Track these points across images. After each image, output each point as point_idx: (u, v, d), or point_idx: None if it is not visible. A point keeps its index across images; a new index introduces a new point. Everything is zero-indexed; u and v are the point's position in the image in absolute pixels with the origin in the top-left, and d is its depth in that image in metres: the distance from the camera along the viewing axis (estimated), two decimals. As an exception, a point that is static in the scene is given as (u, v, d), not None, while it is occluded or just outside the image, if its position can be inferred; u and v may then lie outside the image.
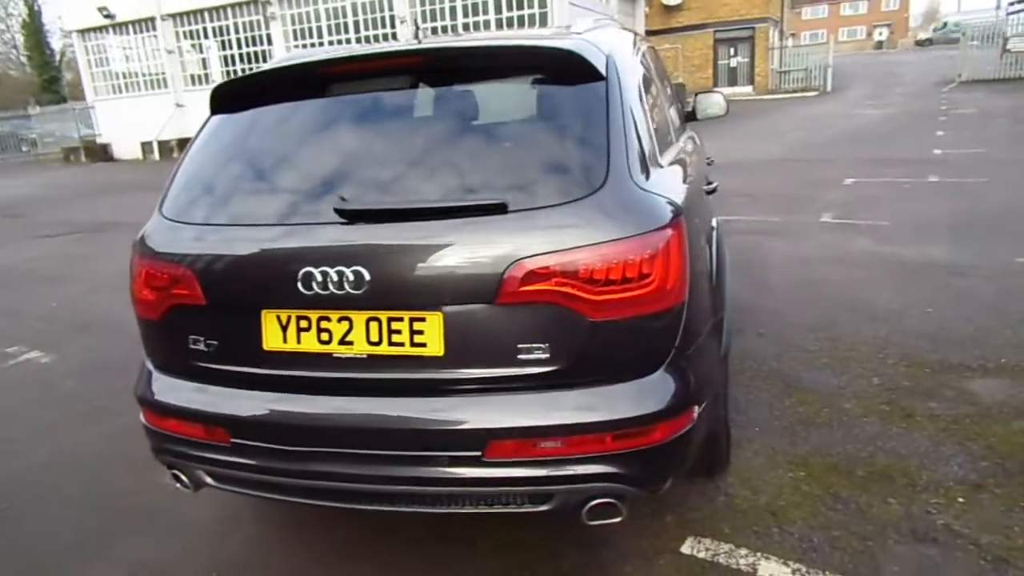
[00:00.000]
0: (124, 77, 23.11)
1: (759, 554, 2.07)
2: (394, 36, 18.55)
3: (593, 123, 1.70)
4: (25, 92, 39.48)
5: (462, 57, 1.89)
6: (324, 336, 1.69)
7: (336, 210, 1.64)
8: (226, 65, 20.97)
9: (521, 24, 17.35)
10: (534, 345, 1.60)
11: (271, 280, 1.68)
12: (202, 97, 2.33)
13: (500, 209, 1.58)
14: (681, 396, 1.67)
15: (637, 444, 1.62)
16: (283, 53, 20.12)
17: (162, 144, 20.85)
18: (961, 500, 2.24)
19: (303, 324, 1.70)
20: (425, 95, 1.82)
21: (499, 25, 17.52)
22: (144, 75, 22.66)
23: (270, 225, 1.73)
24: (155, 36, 21.92)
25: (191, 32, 21.53)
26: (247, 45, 20.78)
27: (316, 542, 2.29)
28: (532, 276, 1.55)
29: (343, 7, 19.04)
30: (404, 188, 1.71)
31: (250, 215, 1.79)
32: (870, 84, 22.60)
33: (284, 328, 1.72)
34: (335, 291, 1.61)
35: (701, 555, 2.08)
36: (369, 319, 1.66)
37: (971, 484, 2.32)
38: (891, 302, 4.04)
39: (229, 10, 20.55)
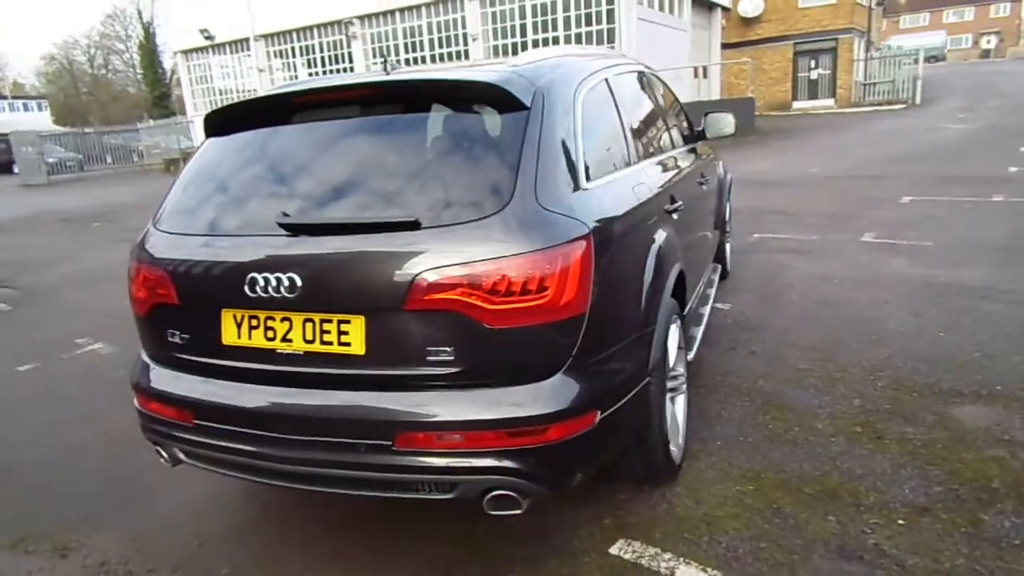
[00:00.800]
0: (220, 94, 24.81)
1: (681, 559, 2.16)
2: (466, 54, 19.12)
3: (507, 149, 1.88)
4: (140, 108, 42.96)
5: (401, 90, 2.11)
6: (269, 334, 1.93)
7: (279, 223, 1.89)
8: None
9: (591, 40, 17.53)
10: (440, 348, 1.78)
11: (227, 283, 1.94)
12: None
13: (414, 226, 1.79)
14: (579, 400, 1.81)
15: (531, 442, 1.77)
16: (362, 70, 21.13)
17: (250, 156, 22.18)
18: (901, 522, 2.24)
19: (253, 323, 1.95)
20: (366, 123, 2.06)
21: (568, 42, 17.75)
22: (238, 92, 24.26)
23: (229, 235, 2.01)
24: (249, 55, 23.46)
25: (280, 51, 22.91)
26: (330, 63, 21.91)
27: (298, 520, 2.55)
28: (436, 286, 1.74)
29: (419, 26, 19.79)
30: (338, 205, 1.94)
31: (216, 226, 2.07)
32: (964, 96, 21.41)
33: (239, 326, 1.97)
34: (274, 295, 1.86)
35: (626, 556, 2.19)
36: (305, 320, 1.89)
37: (917, 507, 2.31)
38: (904, 325, 3.95)
39: (315, 30, 21.75)
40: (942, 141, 12.91)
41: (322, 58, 21.95)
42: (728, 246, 5.33)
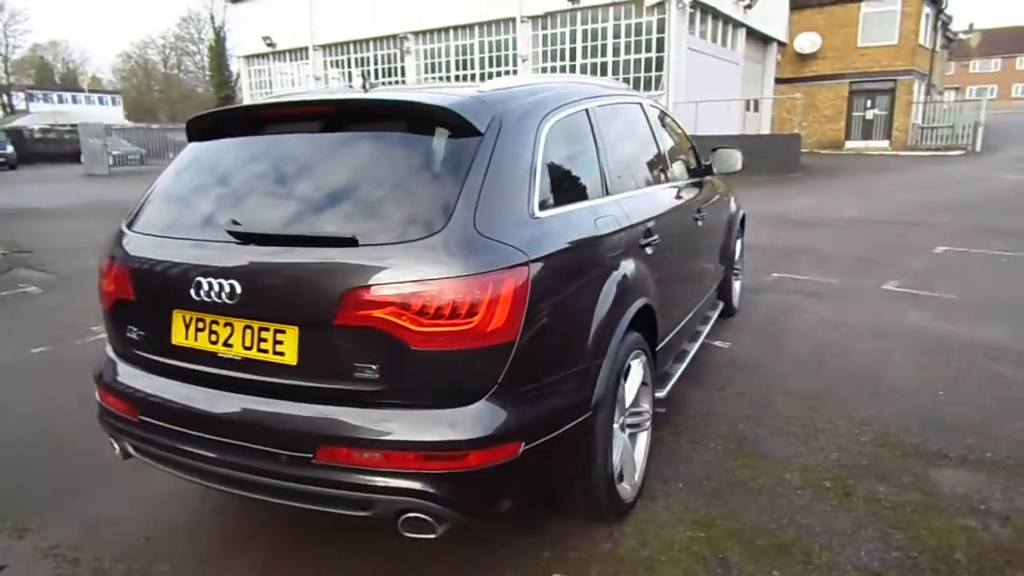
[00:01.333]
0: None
1: (610, 601, 2.11)
2: (515, 73, 19.34)
3: (453, 173, 1.89)
4: (206, 107, 44.60)
5: (360, 109, 2.15)
6: (213, 337, 1.98)
7: (227, 231, 1.94)
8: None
9: (639, 68, 17.54)
10: (367, 365, 1.79)
11: (177, 285, 1.99)
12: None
13: (351, 242, 1.81)
14: (501, 429, 1.80)
15: (448, 467, 1.77)
16: (413, 83, 21.57)
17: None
18: (848, 586, 2.15)
19: (200, 325, 2.00)
20: (325, 139, 2.10)
21: (615, 68, 17.81)
22: (294, 98, 25.03)
23: (184, 239, 2.07)
24: (307, 63, 24.21)
25: (336, 61, 23.58)
26: (384, 75, 22.44)
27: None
28: (365, 303, 1.76)
29: (471, 44, 20.15)
30: (286, 217, 1.98)
31: (175, 229, 2.13)
32: (1028, 146, 20.61)
33: (187, 327, 2.03)
34: (216, 299, 1.90)
35: (555, 592, 2.15)
36: (245, 327, 1.93)
37: (869, 572, 2.21)
38: (905, 380, 3.80)
39: (371, 43, 22.35)
40: (994, 191, 12.45)
41: (376, 70, 22.51)
42: (737, 284, 5.23)
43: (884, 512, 2.54)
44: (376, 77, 22.65)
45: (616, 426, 2.46)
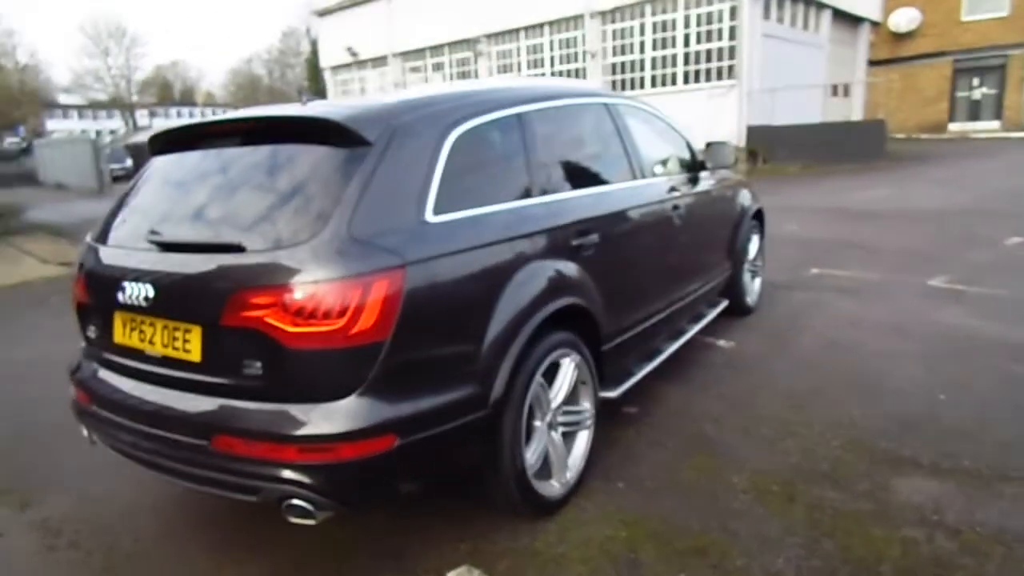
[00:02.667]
0: (361, 106, 26.71)
1: (506, 594, 2.16)
2: (584, 71, 19.24)
3: (335, 182, 2.02)
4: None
5: (266, 126, 2.30)
6: (141, 336, 2.20)
7: (148, 240, 2.16)
8: None
9: (710, 57, 17.04)
10: (252, 362, 1.95)
11: (113, 289, 2.23)
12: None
13: (239, 249, 1.98)
14: (372, 423, 1.90)
15: (321, 458, 1.89)
16: (486, 86, 21.91)
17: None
18: (750, 591, 2.10)
19: (132, 324, 2.23)
20: (236, 154, 2.28)
21: (686, 59, 17.37)
22: (376, 105, 26.01)
23: (120, 247, 2.31)
24: (387, 71, 25.09)
25: (414, 68, 24.29)
26: (460, 79, 22.91)
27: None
28: (245, 305, 1.91)
29: (541, 44, 20.21)
30: (195, 226, 2.18)
31: (117, 239, 2.38)
32: None
33: (124, 326, 2.26)
34: (137, 301, 2.12)
35: (460, 582, 2.23)
36: (163, 326, 2.13)
37: (778, 579, 2.15)
38: (907, 381, 3.58)
39: (446, 48, 22.88)
40: (1107, 174, 11.22)
41: (451, 74, 23.02)
42: (756, 281, 5.06)
43: (822, 519, 2.44)
44: (450, 80, 23.17)
45: (541, 424, 2.52)
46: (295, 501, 1.93)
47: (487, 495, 2.45)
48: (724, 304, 4.42)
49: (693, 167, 4.07)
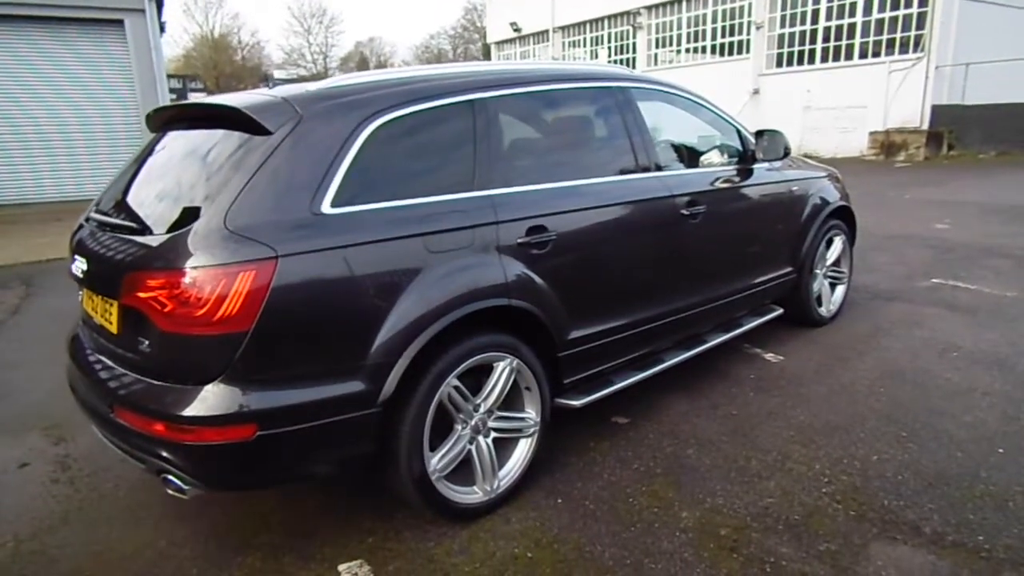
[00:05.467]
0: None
1: (379, 597, 2.13)
2: (747, 44, 17.89)
3: (227, 170, 2.06)
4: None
5: (200, 113, 2.37)
6: (92, 305, 2.41)
7: (89, 217, 2.35)
8: None
9: (894, 27, 15.06)
10: (143, 339, 2.06)
11: (75, 260, 2.46)
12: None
13: (142, 231, 2.09)
14: (231, 410, 1.93)
15: (183, 439, 1.96)
16: (643, 60, 21.14)
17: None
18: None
19: (89, 294, 2.45)
20: (177, 139, 2.39)
21: (865, 30, 15.51)
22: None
23: (84, 223, 2.53)
24: (547, 45, 25.09)
25: (573, 42, 24.05)
26: (616, 53, 22.36)
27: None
28: (133, 285, 2.02)
29: (703, 15, 19.08)
30: (121, 206, 2.33)
31: (89, 214, 2.61)
32: None
33: (88, 296, 2.50)
34: (78, 274, 2.33)
35: (346, 576, 2.23)
36: (100, 298, 2.33)
37: (660, 638, 1.90)
38: (967, 429, 2.96)
39: (605, 21, 22.36)
40: None
41: (610, 47, 22.49)
42: (839, 289, 4.46)
43: (754, 577, 2.12)
44: (610, 55, 22.63)
45: (463, 429, 2.42)
46: (168, 476, 2.04)
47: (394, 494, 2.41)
48: (775, 314, 3.93)
49: (744, 159, 3.64)
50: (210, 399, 1.95)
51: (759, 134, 3.62)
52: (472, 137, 2.49)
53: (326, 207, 2.10)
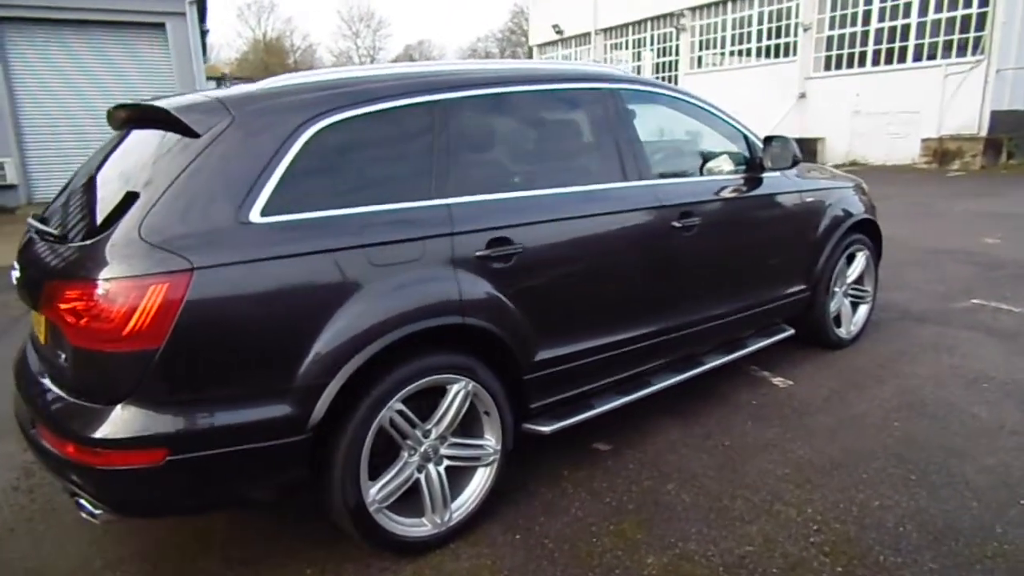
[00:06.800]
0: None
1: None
2: (794, 46, 17.29)
3: (152, 176, 1.92)
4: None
5: (141, 115, 2.25)
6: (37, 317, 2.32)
7: (29, 223, 2.26)
8: (655, 72, 22.13)
9: (951, 28, 14.31)
10: (61, 352, 1.95)
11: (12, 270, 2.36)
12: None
13: (64, 239, 1.98)
14: (138, 434, 1.79)
15: (89, 461, 1.83)
16: (686, 62, 20.64)
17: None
18: None
19: None
20: (121, 141, 2.27)
21: (920, 31, 14.79)
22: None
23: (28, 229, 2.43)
24: (589, 48, 24.79)
25: (616, 44, 23.69)
26: (660, 55, 21.92)
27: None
28: (49, 296, 1.91)
29: (748, 16, 18.53)
30: (52, 211, 2.23)
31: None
32: None
33: None
34: (15, 281, 2.23)
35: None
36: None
37: None
38: (986, 474, 2.63)
39: (648, 23, 21.97)
40: None
41: (652, 50, 22.07)
42: (861, 309, 4.13)
43: (714, 641, 1.88)
44: (659, 56, 22.18)
45: (412, 456, 2.25)
46: (79, 499, 1.92)
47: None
48: (784, 334, 3.63)
49: (752, 167, 3.37)
50: (117, 421, 1.81)
51: (768, 141, 3.34)
52: (430, 141, 2.32)
53: (255, 216, 1.94)
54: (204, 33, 14.87)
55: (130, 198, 1.91)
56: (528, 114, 2.68)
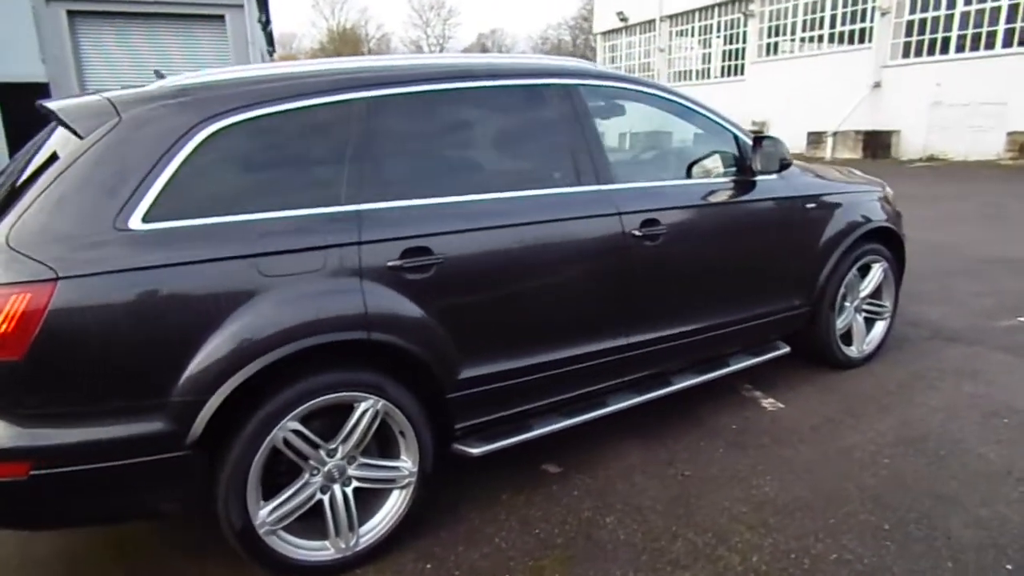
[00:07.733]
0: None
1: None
2: (870, 32, 16.22)
3: (31, 179, 1.86)
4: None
5: (45, 111, 2.19)
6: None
7: None
8: (723, 60, 21.28)
9: (1013, 15, 13.10)
10: None
11: None
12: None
13: None
14: (2, 447, 1.75)
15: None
16: (753, 49, 19.72)
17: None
18: None
19: None
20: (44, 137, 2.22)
21: (1011, 14, 13.60)
22: (638, 70, 25.20)
23: None
24: (654, 35, 24.08)
25: (680, 31, 22.92)
26: (726, 43, 21.07)
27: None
28: None
29: (821, 1, 17.49)
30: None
31: None
32: None
33: None
34: None
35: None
36: None
37: None
38: (976, 525, 2.30)
39: (715, 9, 21.15)
40: None
41: (719, 36, 21.24)
42: (878, 326, 3.75)
43: None
44: (725, 44, 21.32)
45: (314, 476, 2.13)
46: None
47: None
48: (778, 353, 3.32)
49: (741, 170, 3.08)
50: (-18, 433, 1.77)
51: (757, 141, 3.03)
52: (344, 143, 2.18)
53: (135, 223, 1.86)
54: (266, 24, 15.23)
55: (8, 201, 1.86)
56: (463, 114, 2.49)
